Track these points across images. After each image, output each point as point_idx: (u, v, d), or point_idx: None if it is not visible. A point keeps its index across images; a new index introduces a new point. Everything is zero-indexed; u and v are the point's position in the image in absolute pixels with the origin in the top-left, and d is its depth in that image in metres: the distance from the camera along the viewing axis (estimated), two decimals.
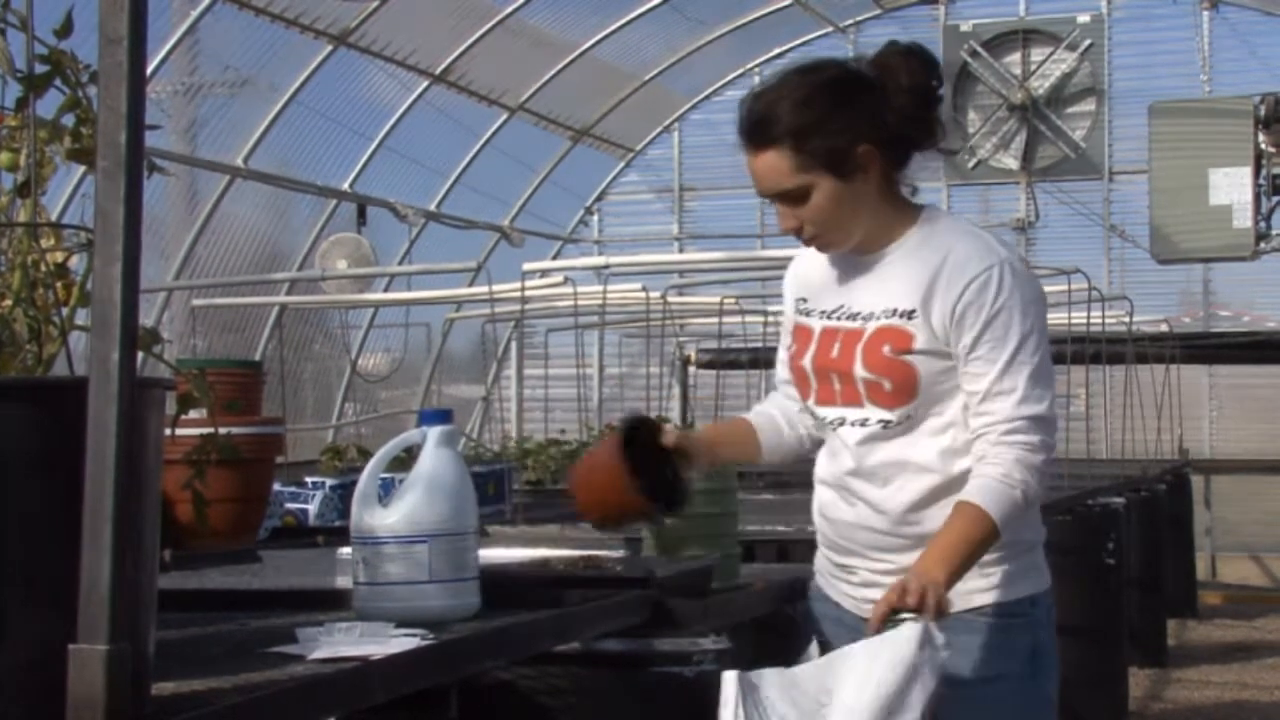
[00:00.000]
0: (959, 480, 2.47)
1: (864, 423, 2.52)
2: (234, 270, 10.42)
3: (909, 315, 2.48)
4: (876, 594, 2.50)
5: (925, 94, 2.50)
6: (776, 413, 2.76)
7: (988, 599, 2.51)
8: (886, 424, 2.50)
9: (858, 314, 2.54)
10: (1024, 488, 2.41)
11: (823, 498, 2.66)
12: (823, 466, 2.66)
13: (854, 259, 2.58)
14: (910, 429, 2.50)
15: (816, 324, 2.60)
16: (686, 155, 14.15)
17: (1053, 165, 13.14)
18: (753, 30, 13.23)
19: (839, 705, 2.26)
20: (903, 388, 2.48)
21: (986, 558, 2.48)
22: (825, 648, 2.51)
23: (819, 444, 2.71)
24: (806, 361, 2.60)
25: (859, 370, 2.51)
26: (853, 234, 2.53)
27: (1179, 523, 10.52)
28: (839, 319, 2.57)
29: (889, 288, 2.52)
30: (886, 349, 2.48)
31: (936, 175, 13.44)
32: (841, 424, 2.55)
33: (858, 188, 2.48)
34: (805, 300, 2.64)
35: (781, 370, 2.73)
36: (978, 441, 2.45)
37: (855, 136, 2.46)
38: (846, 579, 2.62)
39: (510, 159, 12.86)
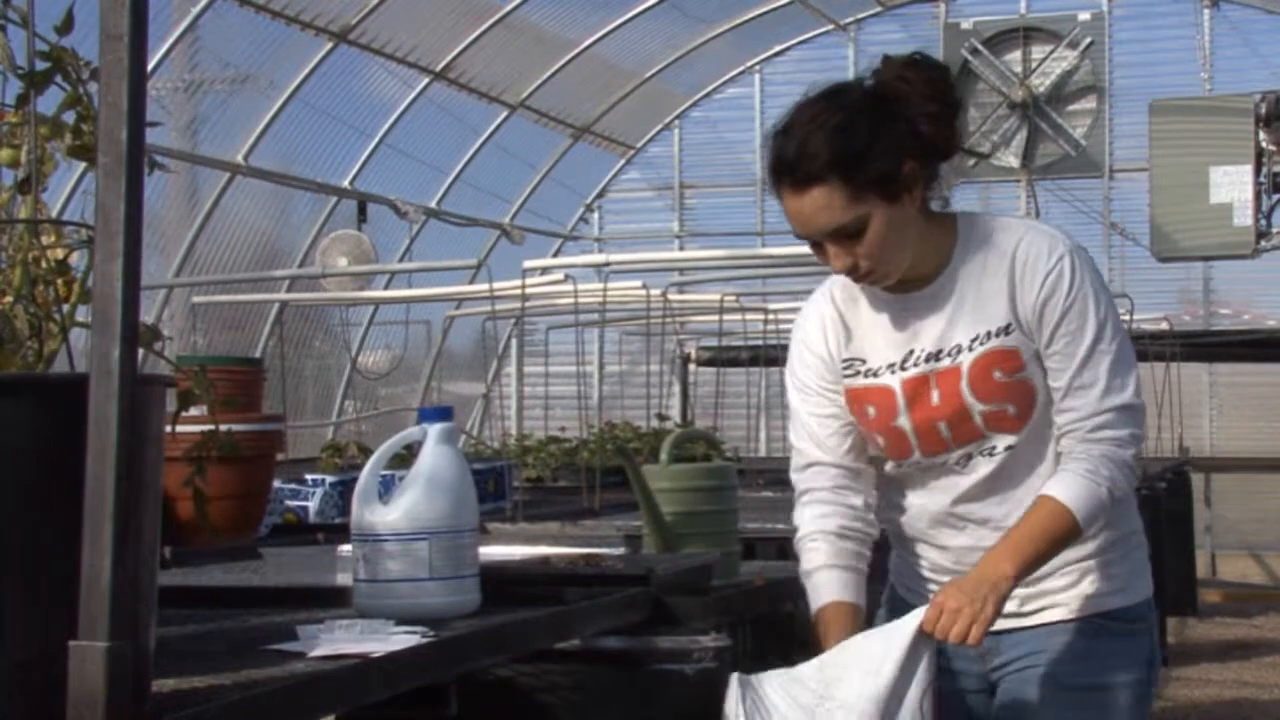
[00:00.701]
0: None
1: (991, 452, 2.41)
2: (234, 267, 10.42)
3: (1005, 331, 2.37)
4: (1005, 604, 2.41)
5: (949, 99, 2.39)
6: (855, 571, 2.46)
7: (1115, 603, 2.46)
8: (1011, 447, 2.41)
9: (940, 352, 2.40)
10: (1110, 484, 2.32)
11: (933, 532, 2.50)
12: (928, 503, 2.49)
13: (900, 299, 2.43)
14: (1032, 441, 2.42)
15: (891, 380, 2.43)
16: (687, 153, 14.14)
17: (1053, 163, 13.13)
18: (753, 28, 13.22)
19: (843, 697, 2.26)
20: (1025, 407, 2.39)
21: (1110, 556, 2.44)
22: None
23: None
24: (902, 422, 2.42)
25: (975, 405, 2.38)
26: (905, 259, 2.37)
27: (1179, 521, 10.51)
28: (918, 365, 2.41)
29: (966, 313, 2.39)
30: (998, 374, 2.37)
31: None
32: (968, 460, 2.43)
33: (906, 209, 2.35)
34: (862, 361, 2.46)
35: (826, 451, 2.49)
36: (1064, 438, 2.37)
37: (900, 154, 2.32)
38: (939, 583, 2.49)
39: (511, 156, 12.86)
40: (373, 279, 10.89)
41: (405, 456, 2.44)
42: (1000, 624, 2.40)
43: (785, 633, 2.84)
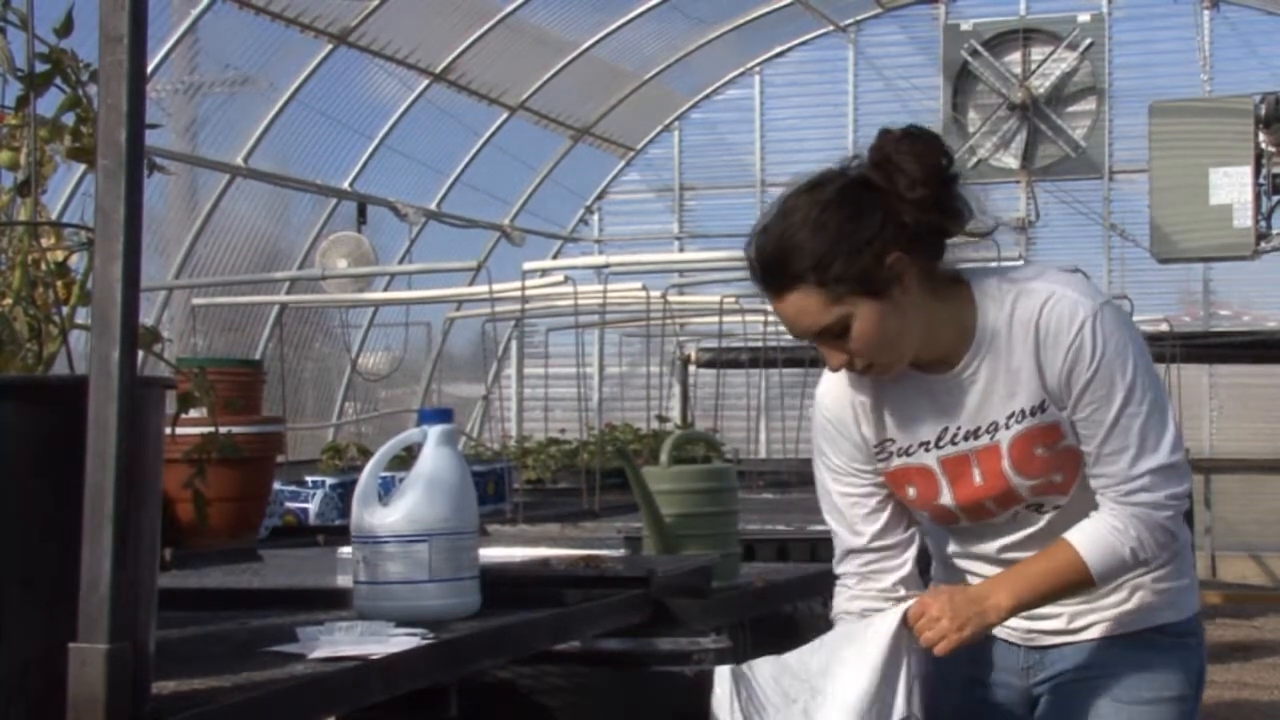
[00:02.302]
0: None
1: (1040, 509, 2.39)
2: (234, 269, 10.42)
3: (1041, 409, 2.30)
4: (1044, 624, 2.45)
5: (939, 177, 2.25)
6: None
7: (1165, 618, 2.44)
8: (1059, 506, 2.38)
9: (977, 430, 2.34)
10: (1136, 544, 2.29)
11: (976, 565, 2.48)
12: (959, 547, 2.49)
13: (928, 378, 2.36)
14: (1077, 498, 2.38)
15: (929, 460, 2.37)
16: (687, 154, 14.14)
17: (1053, 164, 13.13)
18: (753, 29, 13.22)
19: (832, 689, 2.27)
20: (1072, 473, 2.35)
21: (1161, 572, 2.42)
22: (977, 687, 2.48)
23: None
24: (946, 501, 2.38)
25: (1020, 482, 2.34)
26: (906, 350, 2.29)
27: None
28: (956, 444, 2.35)
29: (999, 390, 2.31)
30: (1040, 450, 2.32)
31: None
32: (1014, 518, 2.40)
33: (898, 300, 2.23)
34: (893, 442, 2.39)
35: (858, 537, 2.44)
36: (1099, 498, 2.33)
37: (879, 248, 2.21)
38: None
39: (511, 158, 12.86)
40: (372, 281, 10.89)
41: (405, 458, 2.44)
42: (1046, 640, 2.43)
43: (785, 634, 2.84)
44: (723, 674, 2.30)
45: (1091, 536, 2.30)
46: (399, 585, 2.20)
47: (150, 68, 8.66)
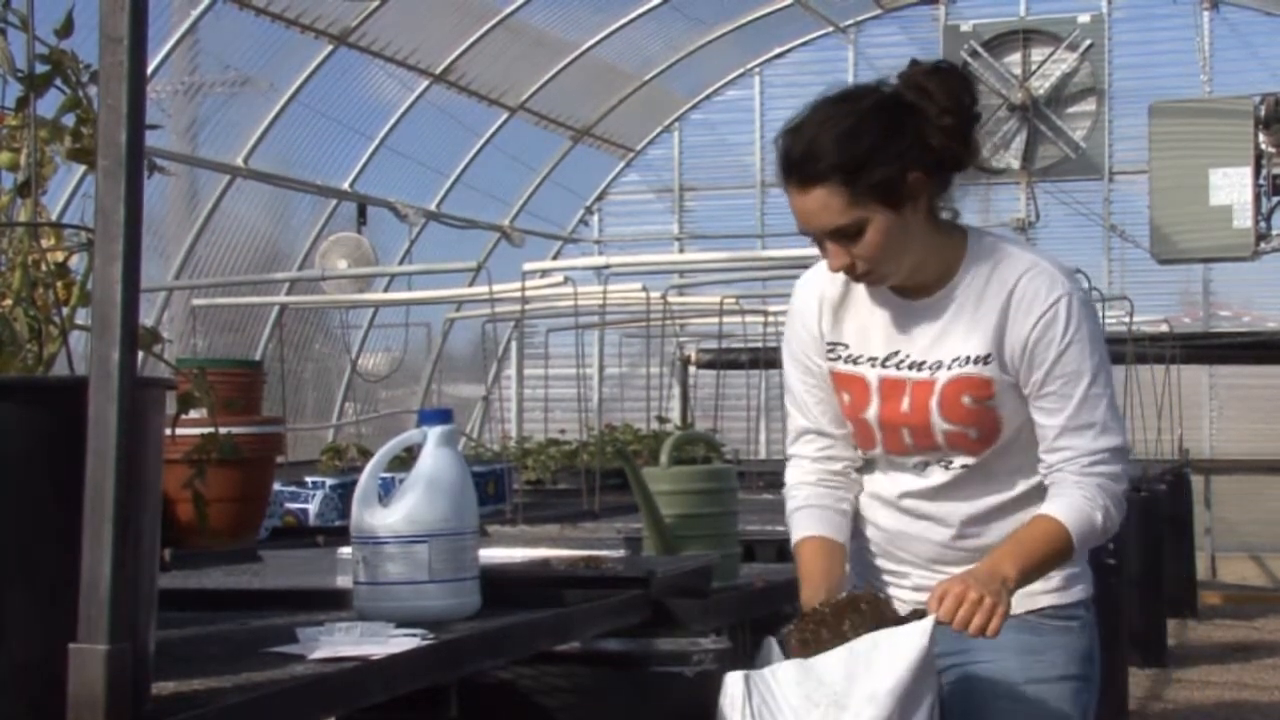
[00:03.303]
0: (1022, 498, 2.48)
1: (947, 465, 2.48)
2: (234, 270, 10.42)
3: (984, 361, 2.41)
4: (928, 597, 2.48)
5: (966, 111, 2.40)
6: (832, 508, 2.56)
7: (1049, 600, 2.50)
8: (968, 466, 2.47)
9: (923, 363, 2.44)
10: (1104, 513, 2.40)
11: (879, 513, 2.58)
12: (880, 485, 2.57)
13: (901, 300, 2.47)
14: (989, 460, 2.47)
15: (870, 373, 2.48)
16: (687, 155, 14.14)
17: (1053, 165, 13.13)
18: (753, 30, 13.22)
19: (859, 695, 2.26)
20: (988, 433, 2.44)
21: None
22: None
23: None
24: (869, 415, 2.49)
25: (939, 423, 2.43)
26: (903, 267, 2.42)
27: (1179, 523, 10.51)
28: (900, 368, 2.46)
29: (953, 332, 2.43)
30: (967, 399, 2.41)
31: None
32: (925, 466, 2.49)
33: (909, 218, 2.37)
34: (844, 346, 2.51)
35: (810, 420, 2.57)
36: (1055, 474, 2.42)
37: (905, 164, 2.35)
38: (898, 584, 2.59)
39: (510, 159, 12.86)
40: (372, 281, 10.89)
41: (405, 459, 2.44)
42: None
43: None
44: (735, 678, 2.28)
45: (1068, 506, 2.39)
46: (399, 586, 2.20)
47: (150, 68, 8.67)
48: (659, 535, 2.91)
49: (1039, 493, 2.47)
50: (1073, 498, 2.39)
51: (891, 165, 2.34)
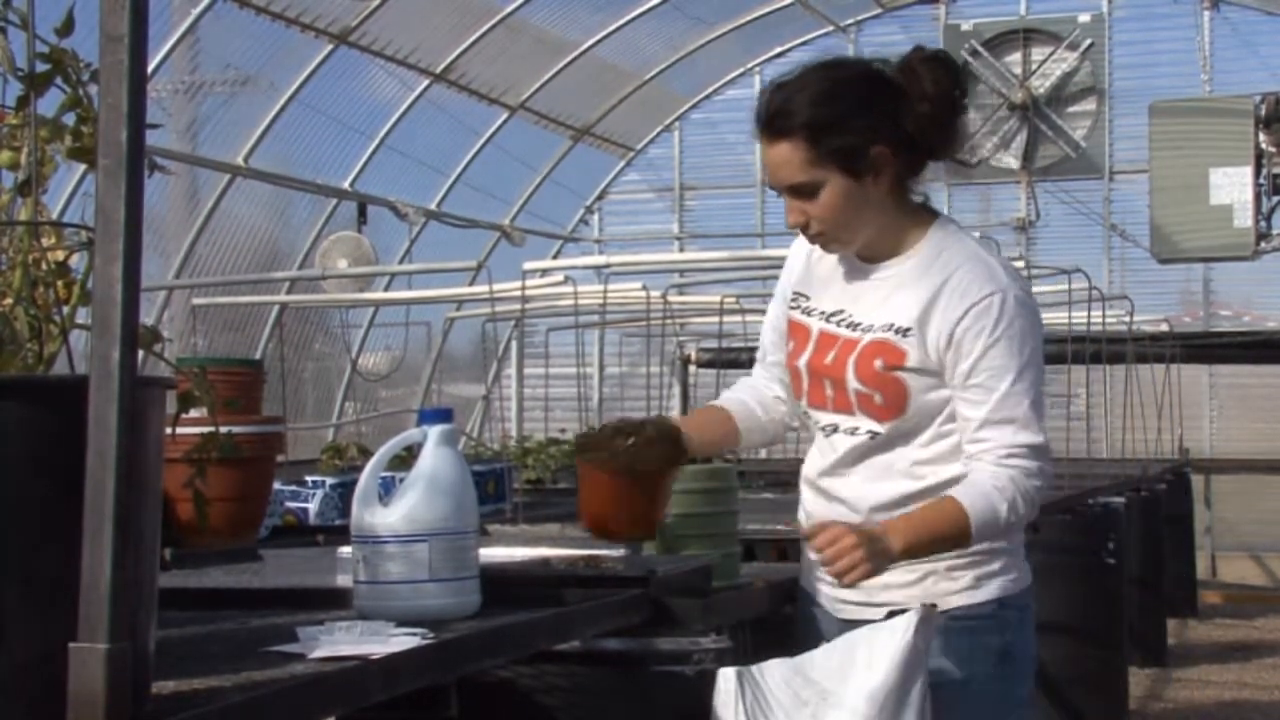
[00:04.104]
0: (932, 489, 2.50)
1: (854, 431, 2.54)
2: (234, 269, 10.42)
3: (905, 332, 2.48)
4: (850, 594, 2.57)
5: (948, 102, 2.48)
6: (749, 398, 2.76)
7: (955, 602, 2.52)
8: (874, 435, 2.52)
9: (858, 324, 2.53)
10: (1011, 504, 2.42)
11: (805, 495, 2.69)
12: (809, 464, 2.67)
13: (860, 265, 2.57)
14: (895, 439, 2.52)
15: (815, 325, 2.59)
16: (687, 154, 14.14)
17: (1053, 165, 13.13)
18: (754, 29, 13.22)
19: (842, 693, 2.26)
20: (893, 402, 2.49)
21: (955, 562, 2.51)
22: (813, 645, 2.53)
23: (786, 430, 2.78)
24: (802, 362, 2.60)
25: (851, 380, 2.51)
26: (858, 235, 2.52)
27: (1179, 522, 10.52)
28: (838, 325, 2.56)
29: (891, 302, 2.51)
30: (878, 363, 2.49)
31: (937, 175, 13.42)
32: (834, 430, 2.57)
33: (869, 189, 2.47)
34: (806, 297, 2.63)
35: (766, 351, 2.76)
36: (973, 463, 2.47)
37: (872, 137, 2.45)
38: (823, 577, 2.64)
39: (511, 158, 12.86)
40: (373, 281, 10.89)
41: (405, 458, 2.43)
42: (849, 611, 2.57)
43: (785, 634, 2.84)
44: (727, 675, 2.30)
45: (974, 492, 2.43)
46: (399, 585, 2.20)
47: (151, 68, 8.66)
48: (659, 535, 2.90)
49: (948, 489, 2.49)
50: (982, 485, 2.43)
51: (858, 135, 2.44)
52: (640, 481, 2.59)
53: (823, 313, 2.59)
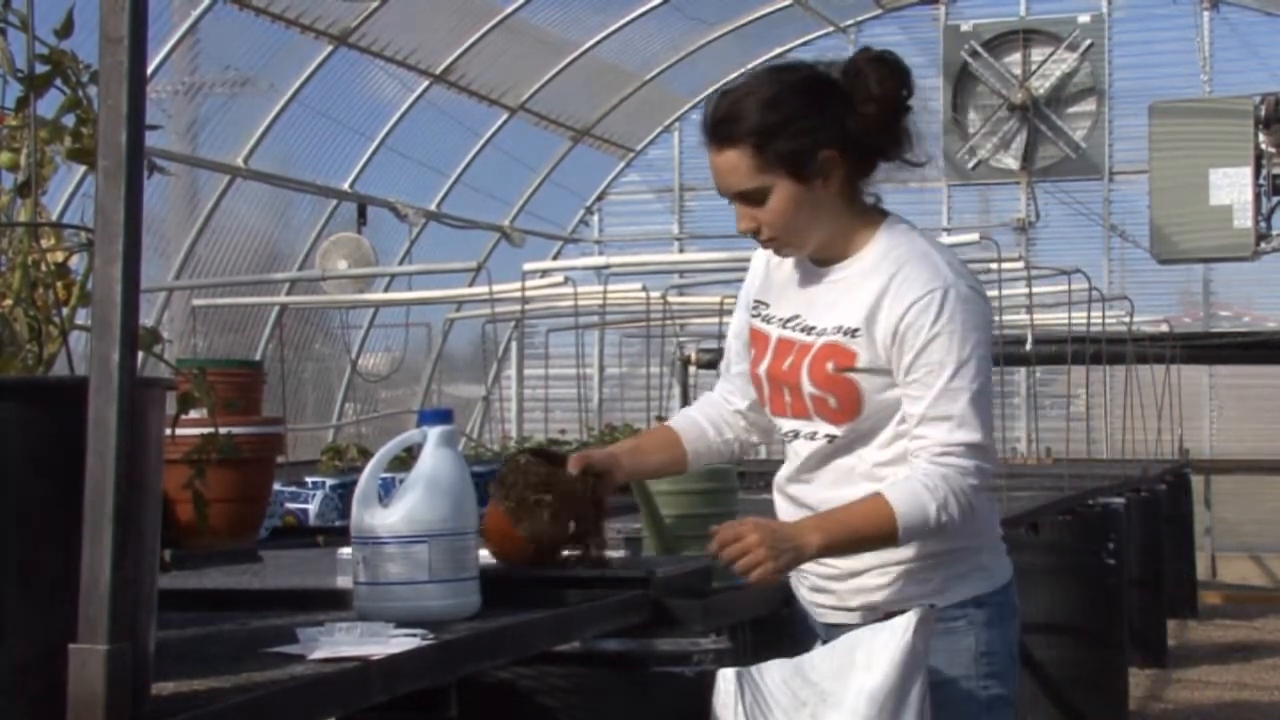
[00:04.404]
0: None
1: (813, 436, 2.53)
2: (234, 270, 10.42)
3: (853, 333, 2.47)
4: (823, 599, 2.58)
5: (893, 103, 2.47)
6: (702, 419, 2.75)
7: (928, 603, 2.49)
8: (832, 438, 2.51)
9: (812, 328, 2.53)
10: (942, 504, 2.38)
11: (777, 502, 2.69)
12: (780, 472, 2.68)
13: (814, 269, 2.57)
14: (854, 442, 2.51)
15: (774, 332, 2.59)
16: (687, 155, 14.14)
17: (1053, 165, 13.13)
18: (753, 30, 13.22)
19: (845, 694, 2.26)
20: (847, 404, 2.48)
21: (922, 564, 2.50)
22: (810, 646, 2.53)
23: (748, 447, 2.78)
24: (762, 369, 2.59)
25: (806, 385, 2.51)
26: (809, 239, 2.51)
27: (1179, 523, 10.52)
28: (794, 330, 2.55)
29: (840, 304, 2.50)
30: (830, 366, 2.48)
31: (937, 175, 13.44)
32: (795, 436, 2.57)
33: (818, 193, 2.46)
34: (765, 305, 2.63)
35: (730, 362, 2.75)
36: (912, 460, 2.45)
37: (818, 141, 2.44)
38: (801, 583, 2.66)
39: (511, 159, 12.86)
40: (373, 282, 10.89)
41: (405, 459, 2.44)
42: (829, 615, 2.57)
43: (785, 634, 2.84)
44: (727, 675, 2.30)
45: (901, 488, 2.40)
46: (399, 586, 2.20)
47: (151, 69, 8.67)
48: (659, 535, 2.91)
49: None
50: (912, 484, 2.40)
51: (804, 139, 2.43)
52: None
53: (780, 319, 2.59)
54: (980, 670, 2.54)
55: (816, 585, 2.60)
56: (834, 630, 2.55)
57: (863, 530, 2.41)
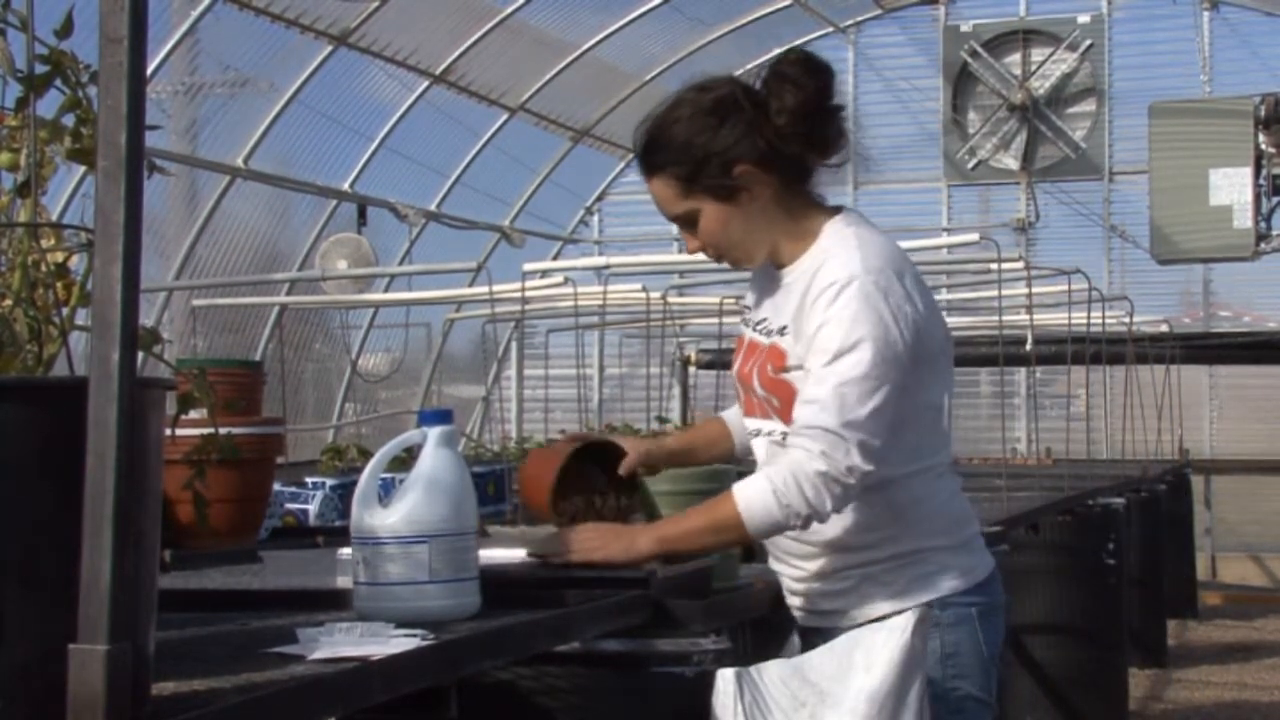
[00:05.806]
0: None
1: (771, 435, 2.56)
2: (234, 270, 10.42)
3: (784, 332, 2.50)
4: (797, 601, 2.62)
5: (806, 110, 2.44)
6: (732, 417, 2.81)
7: (888, 608, 2.50)
8: (783, 436, 2.51)
9: (770, 330, 2.55)
10: (784, 488, 2.35)
11: None
12: None
13: (775, 272, 2.59)
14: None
15: (748, 335, 2.63)
16: None
17: (1053, 165, 13.14)
18: (753, 30, 13.22)
19: (845, 694, 2.26)
20: (786, 405, 2.48)
21: (883, 567, 2.51)
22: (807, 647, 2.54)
23: None
24: (734, 371, 2.65)
25: (757, 386, 2.55)
26: (754, 251, 2.53)
27: (1179, 523, 10.52)
28: (760, 332, 2.59)
29: (784, 305, 2.52)
30: (770, 367, 2.51)
31: (937, 175, 13.45)
32: (757, 434, 2.61)
33: (746, 207, 2.48)
34: (749, 309, 2.68)
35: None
36: None
37: (731, 159, 2.44)
38: (780, 575, 2.70)
39: (511, 159, 12.86)
40: (372, 282, 10.89)
41: (405, 459, 2.43)
42: (811, 620, 2.60)
43: (785, 635, 2.84)
44: (726, 675, 2.30)
45: (750, 481, 2.42)
46: (399, 586, 2.20)
47: (150, 69, 8.66)
48: None
49: (869, 495, 2.45)
50: (762, 474, 2.41)
51: (711, 162, 2.44)
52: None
53: (754, 322, 2.63)
54: (947, 672, 2.54)
55: (790, 588, 2.65)
56: (812, 634, 2.57)
57: (706, 525, 2.45)
